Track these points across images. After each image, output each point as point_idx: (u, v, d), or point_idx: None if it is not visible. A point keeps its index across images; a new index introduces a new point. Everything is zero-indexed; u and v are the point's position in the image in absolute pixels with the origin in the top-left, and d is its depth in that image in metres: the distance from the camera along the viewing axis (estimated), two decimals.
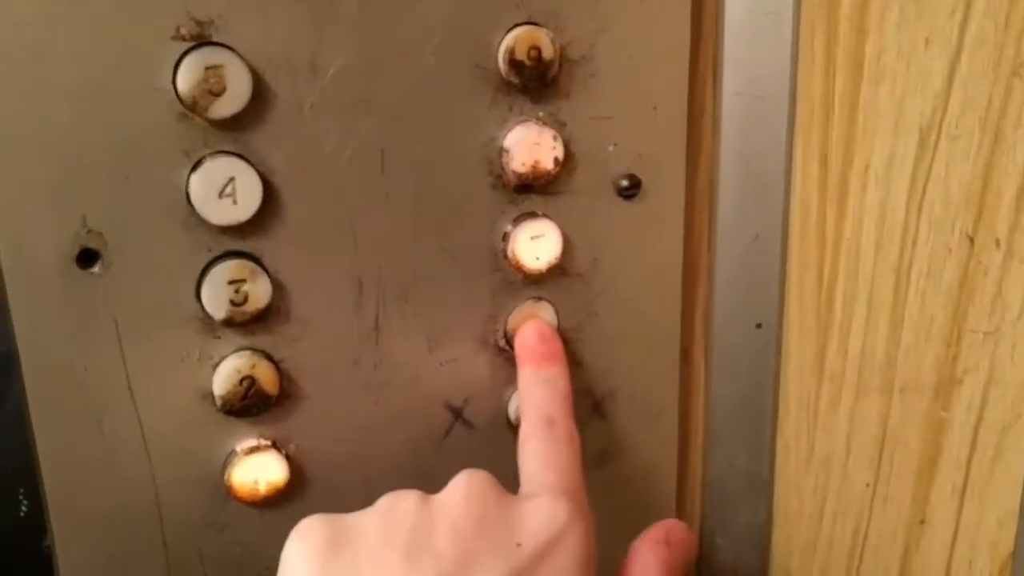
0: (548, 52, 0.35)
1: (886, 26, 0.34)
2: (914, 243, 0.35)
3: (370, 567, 0.29)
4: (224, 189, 0.32)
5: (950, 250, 0.34)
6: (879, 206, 0.36)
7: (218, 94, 0.31)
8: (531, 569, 0.30)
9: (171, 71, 0.31)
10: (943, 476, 0.36)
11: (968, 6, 0.31)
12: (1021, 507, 0.33)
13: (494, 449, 0.40)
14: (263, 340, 0.34)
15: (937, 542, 0.37)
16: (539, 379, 0.37)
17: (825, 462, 0.41)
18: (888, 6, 0.34)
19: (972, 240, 0.33)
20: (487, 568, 0.30)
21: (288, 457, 0.36)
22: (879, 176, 0.36)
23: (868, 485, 0.39)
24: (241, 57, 0.31)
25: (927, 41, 0.33)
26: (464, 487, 0.32)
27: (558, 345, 0.38)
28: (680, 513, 0.46)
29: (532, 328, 0.38)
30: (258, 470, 0.35)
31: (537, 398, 0.36)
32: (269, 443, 0.35)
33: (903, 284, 0.36)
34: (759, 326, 0.43)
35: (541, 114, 0.36)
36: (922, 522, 0.37)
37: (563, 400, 0.36)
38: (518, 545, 0.30)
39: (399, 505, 0.31)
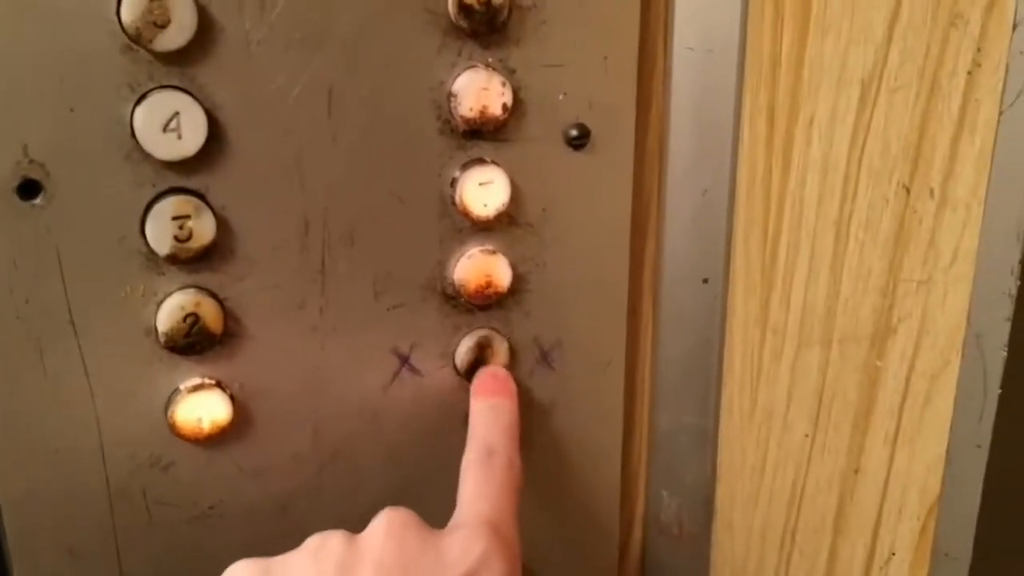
0: None
1: None
2: (854, 195, 0.36)
3: None
4: (168, 123, 0.32)
5: (887, 201, 0.34)
6: (822, 159, 0.37)
7: (163, 26, 0.31)
8: None
9: (115, 2, 0.31)
10: (877, 425, 0.37)
11: None
12: (947, 453, 0.33)
13: (439, 395, 0.40)
14: (208, 278, 0.35)
15: (870, 490, 0.37)
16: (485, 406, 0.39)
17: (767, 415, 0.42)
18: None
19: (908, 190, 0.33)
20: None
21: (232, 397, 0.36)
22: (822, 130, 0.37)
23: (807, 436, 0.40)
24: None
25: None
26: (386, 525, 0.33)
27: (511, 385, 0.40)
28: (626, 466, 0.46)
29: (487, 370, 0.40)
30: (202, 408, 0.35)
31: (481, 426, 0.38)
32: (213, 382, 0.36)
33: (843, 236, 0.37)
34: (706, 281, 0.44)
35: (490, 60, 0.37)
36: (856, 471, 0.38)
37: (506, 430, 0.38)
38: None
39: (326, 544, 0.32)
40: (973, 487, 0.32)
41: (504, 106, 0.37)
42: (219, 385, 0.36)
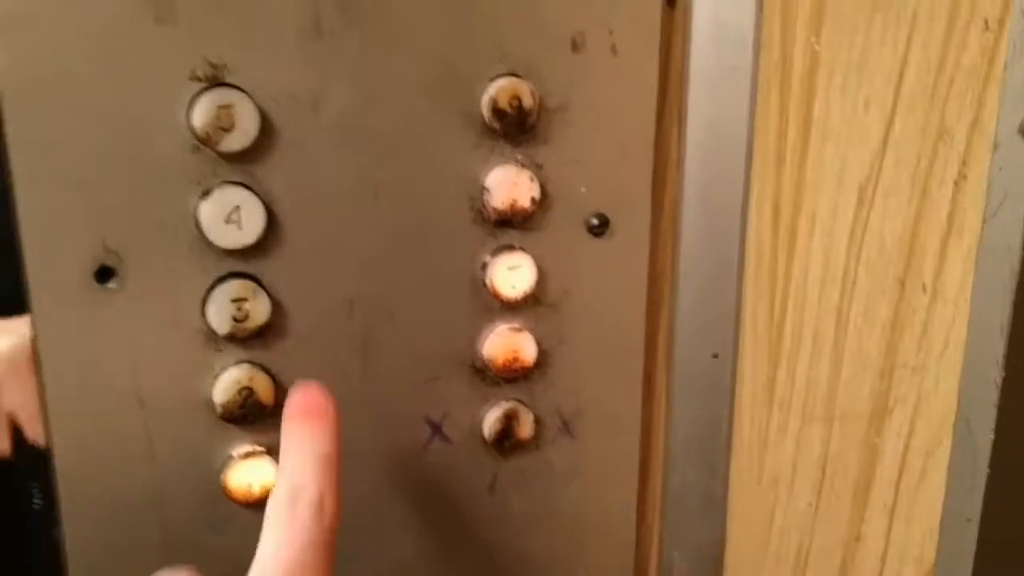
0: (528, 102, 0.39)
1: (832, 89, 0.38)
2: (853, 285, 0.39)
3: None
4: (231, 215, 0.35)
5: (884, 292, 0.38)
6: (823, 251, 0.40)
7: (228, 130, 0.34)
8: None
9: (187, 108, 0.34)
10: (876, 497, 0.39)
11: (901, 75, 0.35)
12: (941, 524, 0.36)
13: (468, 461, 0.43)
14: (261, 354, 0.38)
15: (870, 556, 0.40)
16: (297, 434, 0.34)
17: (773, 483, 0.45)
18: (834, 71, 0.38)
19: (903, 284, 0.37)
20: None
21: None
22: (824, 224, 0.40)
23: (811, 504, 0.43)
24: (250, 97, 0.35)
25: (866, 104, 0.37)
26: None
27: (328, 407, 0.35)
28: (640, 528, 0.49)
29: (300, 387, 0.35)
30: (252, 474, 0.38)
31: (290, 459, 0.33)
32: (263, 449, 0.39)
33: (843, 322, 0.40)
34: (715, 355, 0.47)
35: (520, 157, 0.40)
36: (857, 539, 0.41)
37: (318, 462, 0.33)
38: None
39: None
40: (965, 557, 0.35)
41: (532, 199, 0.40)
42: (268, 452, 0.39)
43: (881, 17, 0.36)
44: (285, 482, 0.33)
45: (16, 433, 0.38)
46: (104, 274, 0.35)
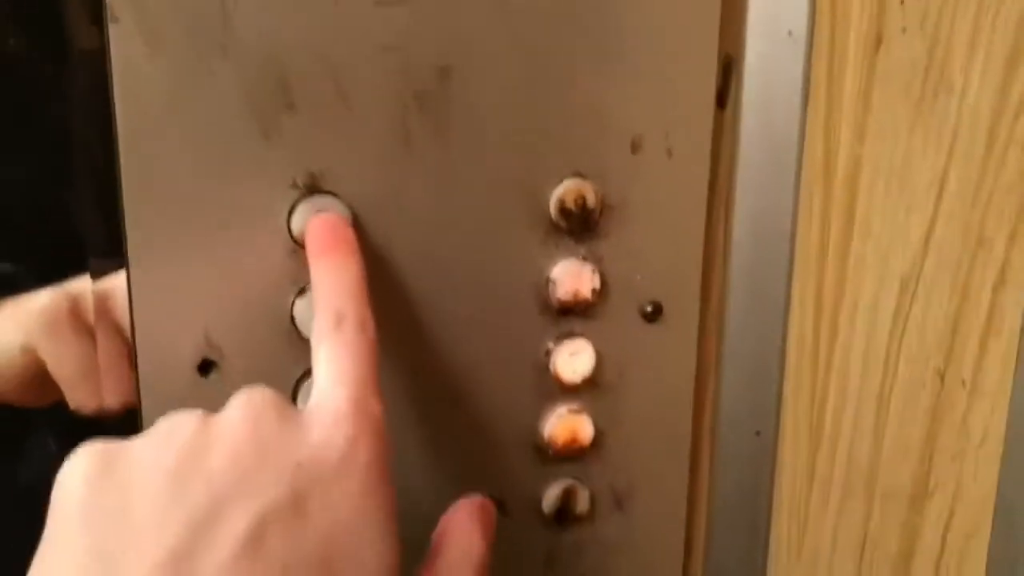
0: (592, 201, 0.42)
1: (874, 195, 0.41)
2: (894, 375, 0.42)
3: (139, 489, 0.28)
4: None
5: (924, 384, 0.40)
6: (865, 341, 0.43)
7: None
8: (312, 490, 0.29)
9: (287, 214, 0.37)
10: (917, 573, 0.42)
11: (942, 185, 0.39)
12: None
13: (526, 536, 0.46)
14: None
15: None
16: (327, 268, 0.35)
17: (813, 557, 0.47)
18: (875, 178, 0.41)
19: (942, 378, 0.39)
20: (263, 488, 0.29)
21: None
22: (865, 315, 0.43)
23: None
24: (344, 203, 0.38)
25: (907, 210, 0.40)
26: (243, 404, 0.31)
27: (350, 235, 0.36)
28: None
29: (321, 220, 0.36)
30: None
31: (325, 291, 0.34)
32: None
33: (884, 407, 0.42)
34: (758, 433, 0.49)
35: (582, 251, 0.43)
36: None
37: (353, 289, 0.34)
38: (299, 465, 0.29)
39: (175, 426, 0.30)
40: None
41: (593, 290, 0.43)
42: None
43: (922, 131, 0.39)
44: (325, 310, 0.33)
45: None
46: (206, 367, 0.38)
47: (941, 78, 0.38)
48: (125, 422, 0.40)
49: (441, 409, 0.42)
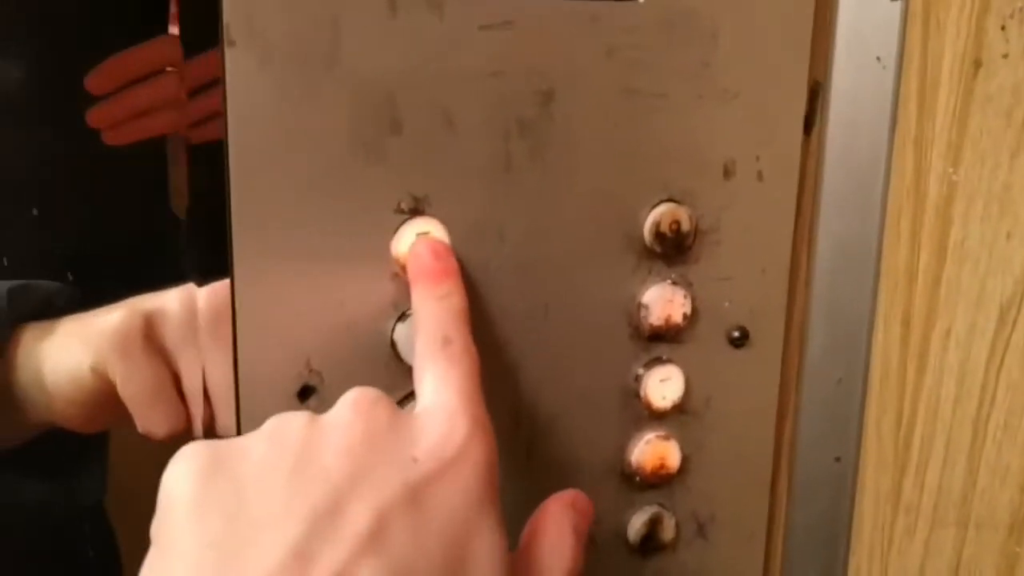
0: (686, 226, 0.42)
1: (971, 218, 0.41)
2: (992, 400, 0.41)
3: (255, 487, 0.28)
4: None
5: None
6: (959, 366, 0.42)
7: None
8: (429, 484, 0.29)
9: (390, 238, 0.37)
10: None
11: None
12: None
13: (611, 563, 0.45)
14: None
15: None
16: (433, 295, 0.35)
17: None
18: (973, 201, 0.41)
19: None
20: (380, 483, 0.28)
21: None
22: (960, 341, 0.42)
23: None
24: (445, 227, 0.37)
25: (1008, 235, 0.40)
26: (353, 404, 0.31)
27: (453, 263, 0.36)
28: None
29: (425, 245, 0.36)
30: None
31: (431, 316, 0.35)
32: None
33: (980, 433, 0.42)
34: (838, 459, 0.49)
35: (674, 276, 0.43)
36: None
37: (458, 316, 0.35)
38: (414, 460, 0.29)
39: (286, 425, 0.30)
40: None
41: (684, 315, 0.43)
42: None
43: None
44: (432, 334, 0.34)
45: None
46: (306, 392, 0.37)
47: None
48: None
49: (531, 433, 0.42)
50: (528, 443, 0.42)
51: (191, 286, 0.39)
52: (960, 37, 0.40)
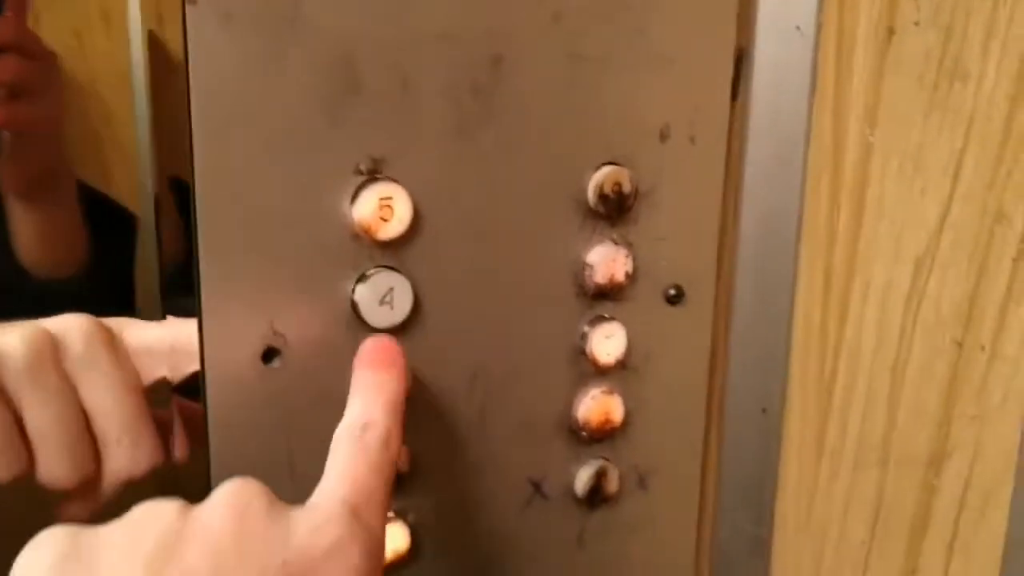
0: (627, 187, 0.43)
1: (887, 176, 0.44)
2: (910, 347, 0.44)
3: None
4: (384, 297, 0.38)
5: (941, 353, 0.43)
6: (878, 317, 0.45)
7: (387, 220, 0.38)
8: None
9: (349, 199, 0.37)
10: (934, 533, 0.45)
11: (958, 167, 0.41)
12: (1003, 557, 0.42)
13: (561, 516, 0.47)
14: None
15: None
16: (369, 380, 0.36)
17: (823, 526, 0.50)
18: (888, 161, 0.44)
19: (960, 345, 0.42)
20: None
21: (409, 526, 0.41)
22: (878, 294, 0.45)
23: (864, 543, 0.48)
24: (405, 190, 0.38)
25: (922, 191, 0.43)
26: (228, 497, 0.30)
27: (399, 357, 0.37)
28: (696, 571, 0.53)
29: (375, 340, 0.37)
30: (388, 539, 0.40)
31: (360, 398, 0.35)
32: (393, 513, 0.41)
33: (899, 378, 0.45)
34: (764, 411, 0.52)
35: (616, 236, 0.44)
36: (914, 571, 0.46)
37: (388, 405, 0.35)
38: (283, 564, 0.28)
39: (151, 515, 0.29)
40: None
41: (626, 273, 0.44)
42: (399, 515, 0.41)
43: (938, 116, 0.42)
44: (354, 417, 0.34)
45: None
46: (269, 355, 0.37)
47: (956, 68, 0.41)
48: None
49: (485, 394, 0.43)
50: (482, 403, 0.43)
51: (35, 324, 0.38)
52: (874, 6, 0.43)
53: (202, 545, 0.28)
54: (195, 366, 0.37)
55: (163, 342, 0.39)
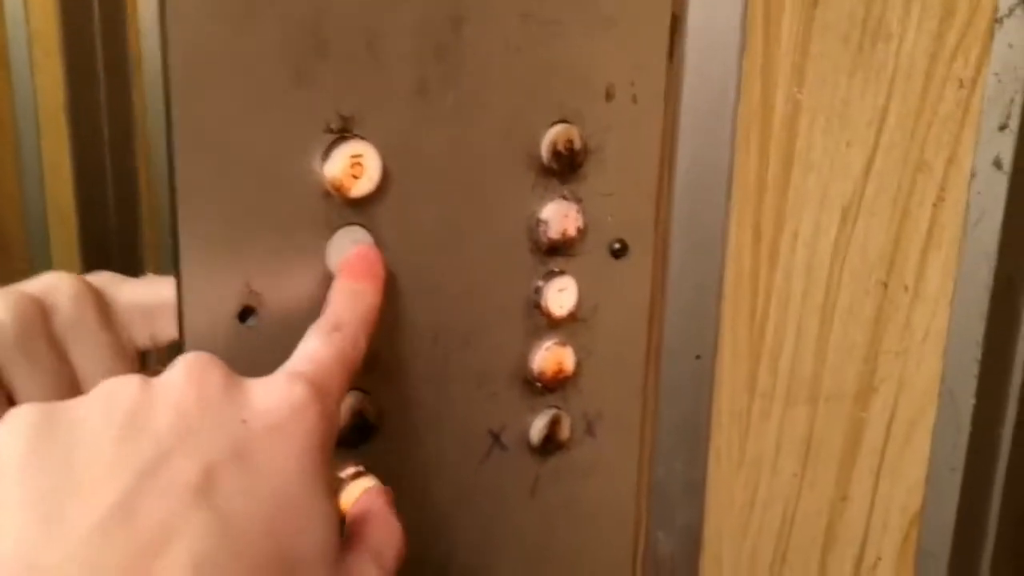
0: (578, 144, 0.45)
1: (814, 131, 0.47)
2: (838, 289, 0.48)
3: (83, 447, 0.28)
4: None
5: (868, 293, 0.47)
6: (806, 262, 0.49)
7: (358, 177, 0.38)
8: (257, 444, 0.30)
9: (320, 157, 0.38)
10: (862, 462, 0.48)
11: (881, 122, 0.45)
12: (928, 477, 0.46)
13: (517, 465, 0.48)
14: (366, 379, 0.41)
15: (857, 513, 0.49)
16: (348, 287, 0.37)
17: (755, 462, 0.53)
18: (815, 117, 0.47)
19: (886, 286, 0.46)
20: (208, 442, 0.29)
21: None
22: (806, 240, 0.49)
23: (795, 475, 0.51)
24: (375, 148, 0.38)
25: (848, 144, 0.46)
26: (186, 367, 0.31)
27: (380, 270, 0.38)
28: (637, 513, 0.56)
29: (358, 250, 0.38)
30: (359, 491, 0.41)
31: (336, 303, 0.36)
32: (363, 469, 0.42)
33: (828, 319, 0.48)
34: (698, 357, 0.55)
35: (567, 192, 0.46)
36: (844, 499, 0.50)
37: (362, 314, 0.36)
38: (243, 421, 0.30)
39: (118, 388, 0.30)
40: (950, 501, 0.44)
41: (578, 228, 0.46)
42: (366, 472, 0.42)
43: (862, 74, 0.45)
44: (328, 316, 0.35)
45: None
46: (245, 314, 0.37)
47: (879, 28, 0.44)
48: None
49: (447, 348, 0.44)
50: (445, 358, 0.44)
51: (19, 290, 0.37)
52: None
53: (167, 409, 0.29)
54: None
55: (151, 300, 0.39)
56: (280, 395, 0.31)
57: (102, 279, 0.39)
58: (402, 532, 0.36)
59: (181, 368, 0.31)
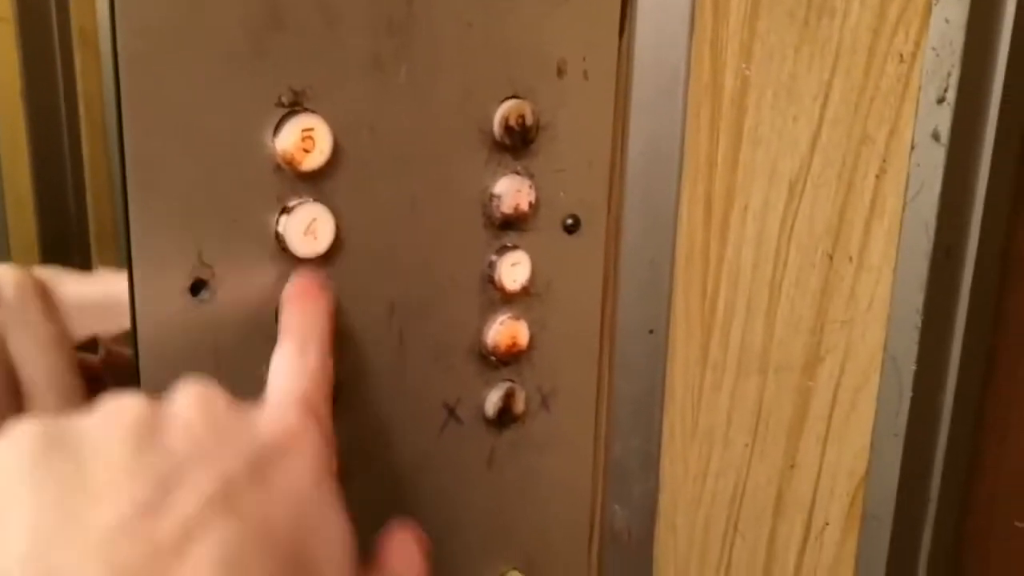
0: (530, 119, 0.45)
1: (762, 106, 0.48)
2: (785, 263, 0.49)
3: (94, 457, 0.28)
4: (308, 228, 0.39)
5: (814, 266, 0.48)
6: (756, 236, 0.50)
7: (309, 151, 0.38)
8: (271, 462, 0.30)
9: (272, 131, 0.38)
10: (809, 430, 0.50)
11: (827, 96, 0.46)
12: (871, 443, 0.47)
13: (473, 438, 0.49)
14: None
15: (805, 479, 0.50)
16: (299, 311, 0.38)
17: (708, 434, 0.54)
18: (763, 92, 0.48)
19: (831, 258, 0.47)
20: (223, 458, 0.29)
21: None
22: (756, 214, 0.49)
23: (747, 445, 0.53)
24: (326, 122, 0.39)
25: (795, 118, 0.47)
26: (189, 395, 0.32)
27: (324, 290, 0.39)
28: (594, 486, 0.57)
29: (301, 274, 0.39)
30: None
31: (297, 324, 0.37)
32: None
33: (776, 293, 0.49)
34: (651, 332, 0.55)
35: (519, 168, 0.46)
36: (792, 466, 0.51)
37: (320, 334, 0.37)
38: (253, 439, 0.31)
39: (122, 404, 0.30)
40: (893, 465, 0.46)
41: (530, 203, 0.47)
42: None
43: (808, 49, 0.46)
44: (293, 337, 0.36)
45: None
46: (197, 287, 0.37)
47: (824, 4, 0.45)
48: None
49: (402, 322, 0.44)
50: (400, 331, 0.44)
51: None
52: None
53: (177, 431, 0.30)
54: (127, 322, 0.36)
55: (95, 296, 0.39)
56: (281, 423, 0.32)
57: (48, 273, 0.39)
58: (425, 568, 0.36)
59: (185, 396, 0.31)
